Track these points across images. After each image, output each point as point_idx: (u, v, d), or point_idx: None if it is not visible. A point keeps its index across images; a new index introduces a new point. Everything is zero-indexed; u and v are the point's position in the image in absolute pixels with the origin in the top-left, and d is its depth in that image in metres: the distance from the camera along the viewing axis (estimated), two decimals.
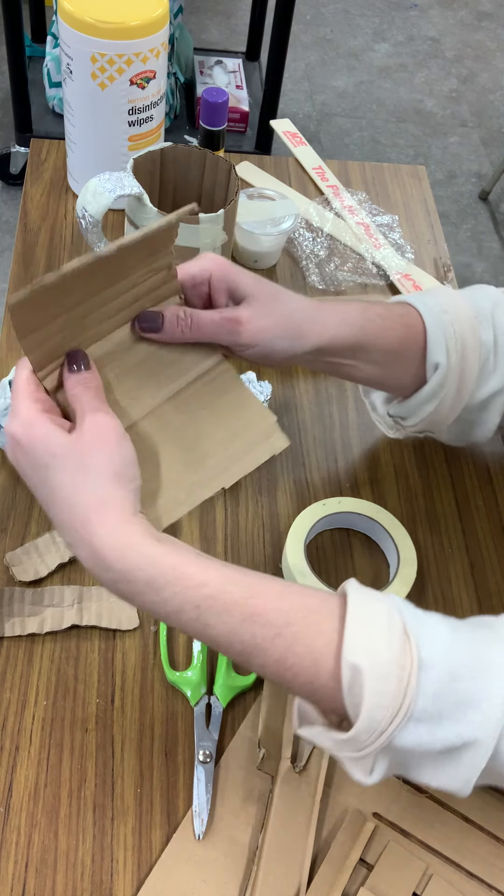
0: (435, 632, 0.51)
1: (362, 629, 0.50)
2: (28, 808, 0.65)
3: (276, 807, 0.66)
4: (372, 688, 0.48)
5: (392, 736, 0.49)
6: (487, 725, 0.49)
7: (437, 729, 0.49)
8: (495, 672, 0.49)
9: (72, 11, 0.95)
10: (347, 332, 0.69)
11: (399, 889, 0.62)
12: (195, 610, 0.51)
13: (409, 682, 0.48)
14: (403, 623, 0.50)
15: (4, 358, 0.93)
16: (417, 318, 0.73)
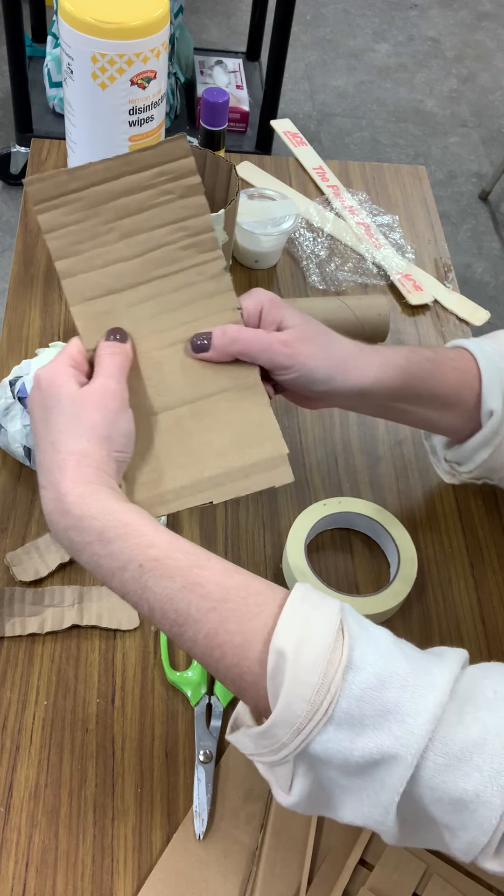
0: (374, 638, 0.49)
1: (297, 618, 0.48)
2: (28, 808, 0.65)
3: (275, 807, 0.66)
4: (294, 676, 0.46)
5: (310, 737, 0.46)
6: (410, 740, 0.45)
7: (357, 738, 0.46)
8: (429, 688, 0.46)
9: (72, 11, 0.95)
10: (392, 374, 0.67)
11: (399, 889, 0.62)
12: (138, 569, 0.50)
13: (335, 679, 0.46)
14: (342, 621, 0.48)
15: (4, 358, 0.93)
16: (472, 363, 0.71)
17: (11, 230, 2.22)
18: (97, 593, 0.76)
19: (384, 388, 0.67)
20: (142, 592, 0.51)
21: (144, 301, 0.62)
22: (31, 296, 0.99)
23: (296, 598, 0.49)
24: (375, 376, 0.66)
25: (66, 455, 0.54)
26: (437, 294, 1.07)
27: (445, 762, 0.45)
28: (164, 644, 0.73)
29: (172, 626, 0.51)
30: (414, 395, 0.69)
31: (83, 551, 0.52)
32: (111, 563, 0.51)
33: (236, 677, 0.50)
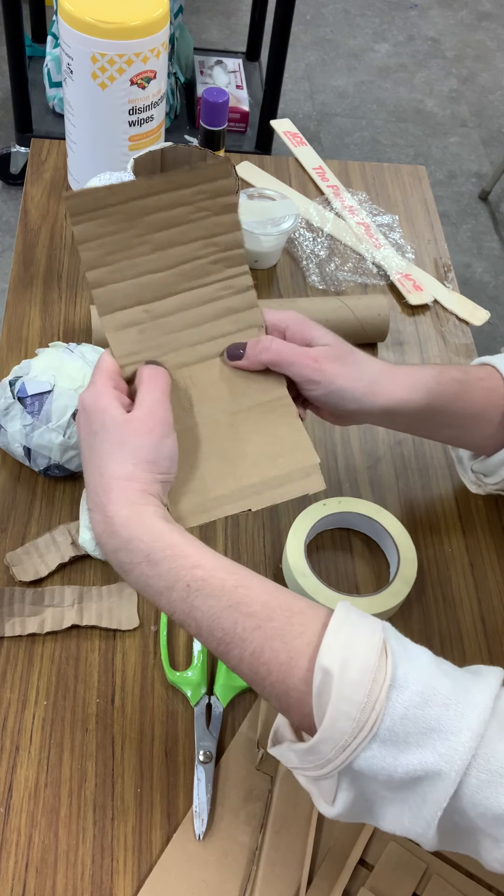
0: (415, 657, 0.49)
1: (341, 637, 0.49)
2: (28, 808, 0.65)
3: (275, 807, 0.66)
4: (340, 694, 0.47)
5: (355, 754, 0.47)
6: (453, 758, 0.46)
7: (400, 754, 0.47)
8: (471, 707, 0.47)
9: (72, 11, 0.95)
10: (419, 396, 0.68)
11: (399, 889, 0.62)
12: (185, 589, 0.52)
13: (379, 697, 0.47)
14: (384, 641, 0.49)
15: (4, 358, 0.93)
16: (500, 382, 0.72)
17: (11, 230, 2.21)
18: (97, 593, 0.76)
19: (412, 409, 0.68)
20: (189, 611, 0.52)
21: (173, 313, 0.64)
22: (30, 296, 0.99)
23: (339, 618, 0.50)
24: (402, 397, 0.67)
25: (111, 479, 0.55)
26: (436, 294, 1.07)
27: (488, 778, 0.46)
28: (164, 644, 0.73)
29: (219, 644, 0.52)
30: (441, 415, 0.70)
31: (132, 572, 0.54)
32: (159, 583, 0.53)
33: (282, 694, 0.51)
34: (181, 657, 0.74)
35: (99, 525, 0.55)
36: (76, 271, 1.03)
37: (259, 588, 0.53)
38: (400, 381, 0.68)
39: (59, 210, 1.10)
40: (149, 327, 0.63)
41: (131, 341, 0.62)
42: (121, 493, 0.55)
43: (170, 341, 0.64)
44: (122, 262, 0.61)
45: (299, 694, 0.50)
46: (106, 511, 0.54)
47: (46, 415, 0.78)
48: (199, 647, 0.73)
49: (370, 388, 0.66)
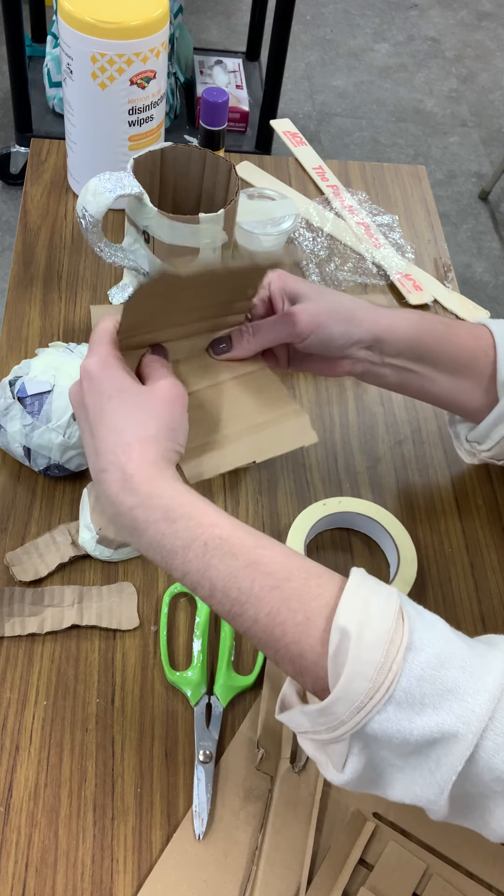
0: (431, 622, 0.50)
1: (358, 599, 0.49)
2: (28, 808, 0.65)
3: (275, 807, 0.66)
4: (357, 655, 0.47)
5: (370, 716, 0.47)
6: (470, 719, 0.46)
7: (416, 716, 0.46)
8: (487, 669, 0.47)
9: (72, 11, 0.95)
10: (404, 325, 0.71)
11: (399, 889, 0.62)
12: (202, 547, 0.52)
13: (396, 658, 0.46)
14: (400, 605, 0.49)
15: (4, 358, 0.93)
16: (487, 333, 0.73)
17: (11, 230, 2.21)
18: (97, 593, 0.76)
19: (399, 339, 0.71)
20: (205, 570, 0.52)
21: None
22: (30, 296, 0.99)
23: (355, 581, 0.50)
24: (388, 324, 0.70)
25: (133, 439, 0.56)
26: (436, 294, 1.07)
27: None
28: (163, 644, 0.73)
29: (234, 604, 0.51)
30: (429, 355, 0.72)
31: (147, 530, 0.53)
32: (175, 542, 0.53)
33: (296, 656, 0.50)
34: (181, 657, 0.74)
35: (115, 484, 0.55)
36: (76, 271, 1.03)
37: (277, 549, 0.53)
38: (383, 311, 0.72)
39: (59, 210, 1.10)
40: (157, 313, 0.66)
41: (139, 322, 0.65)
42: (143, 453, 0.55)
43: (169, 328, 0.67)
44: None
45: (315, 656, 0.49)
46: (125, 469, 0.55)
47: (46, 415, 0.78)
48: (200, 647, 0.73)
49: (352, 315, 0.70)
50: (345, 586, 0.50)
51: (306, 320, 0.68)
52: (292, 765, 0.67)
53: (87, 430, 0.59)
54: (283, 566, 0.52)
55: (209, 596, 0.53)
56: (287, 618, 0.50)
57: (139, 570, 0.78)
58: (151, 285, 0.59)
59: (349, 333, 0.69)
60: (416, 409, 0.95)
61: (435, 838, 0.65)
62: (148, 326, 0.66)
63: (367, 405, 0.94)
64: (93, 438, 0.58)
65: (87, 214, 0.81)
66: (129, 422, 0.57)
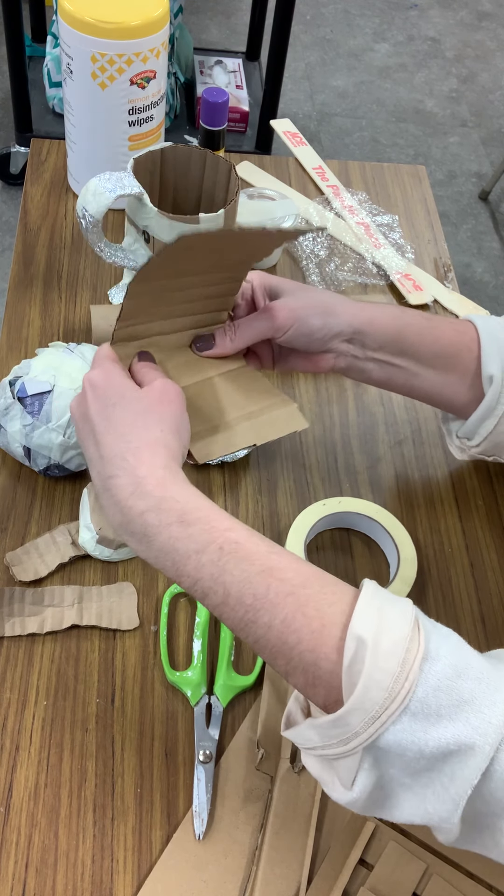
0: (446, 633, 0.49)
1: (374, 607, 0.48)
2: (28, 808, 0.65)
3: (275, 807, 0.66)
4: (373, 664, 0.46)
5: (385, 727, 0.46)
6: (487, 731, 0.45)
7: (431, 728, 0.45)
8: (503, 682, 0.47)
9: (72, 11, 0.95)
10: (384, 318, 0.71)
11: (399, 889, 0.62)
12: (217, 551, 0.51)
13: (413, 667, 0.46)
14: (416, 616, 0.49)
15: (4, 358, 0.93)
16: (470, 327, 0.73)
17: (11, 230, 2.21)
18: (97, 593, 0.76)
19: (379, 332, 0.71)
20: (219, 575, 0.51)
21: None
22: (30, 296, 0.99)
23: (369, 591, 0.50)
24: (368, 317, 0.71)
25: (140, 443, 0.56)
26: (436, 294, 1.07)
27: None
28: (163, 644, 0.73)
29: (248, 611, 0.50)
30: (411, 349, 0.72)
31: (159, 534, 0.52)
32: (189, 546, 0.52)
33: (310, 664, 0.49)
34: (181, 657, 0.74)
35: (125, 489, 0.54)
36: (76, 271, 1.03)
37: (291, 557, 0.52)
38: (363, 305, 0.73)
39: (59, 210, 1.10)
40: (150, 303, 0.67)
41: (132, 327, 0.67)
42: (153, 456, 0.55)
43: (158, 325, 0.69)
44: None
45: (330, 664, 0.48)
46: (137, 472, 0.54)
47: (46, 415, 0.78)
48: (200, 647, 0.73)
49: (331, 308, 0.71)
50: (359, 595, 0.50)
51: (285, 315, 0.69)
52: (292, 765, 0.67)
53: (91, 439, 0.59)
54: (298, 573, 0.51)
55: (222, 603, 0.51)
56: (303, 625, 0.49)
57: (139, 570, 0.78)
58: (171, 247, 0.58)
59: (329, 325, 0.70)
60: (416, 409, 0.95)
61: (435, 838, 0.65)
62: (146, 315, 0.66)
63: (367, 405, 0.94)
64: (98, 446, 0.58)
65: (87, 214, 0.81)
66: (134, 426, 0.57)
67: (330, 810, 0.66)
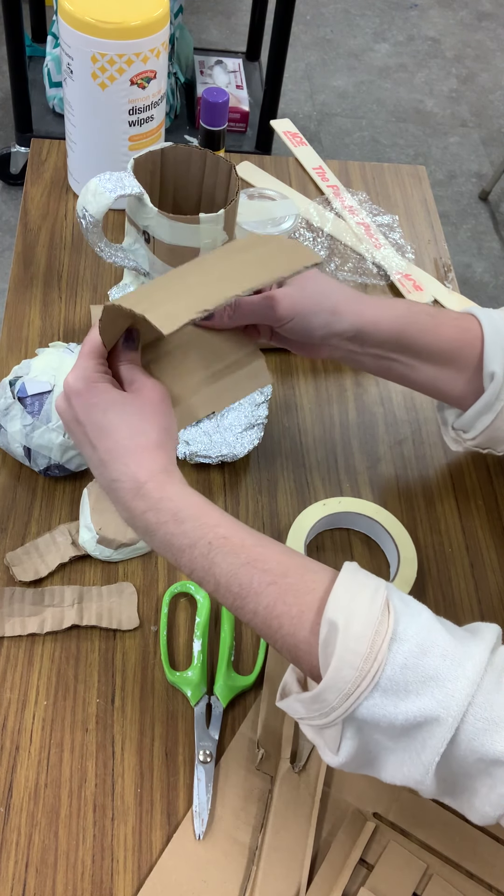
0: (416, 613, 0.52)
1: (347, 593, 0.52)
2: (28, 808, 0.65)
3: (275, 807, 0.66)
4: (344, 645, 0.50)
5: (358, 702, 0.50)
6: (450, 704, 0.49)
7: (400, 702, 0.49)
8: (467, 656, 0.50)
9: (72, 11, 0.95)
10: (388, 318, 0.71)
11: (399, 889, 0.62)
12: (207, 546, 0.55)
13: (381, 648, 0.49)
14: (387, 598, 0.52)
15: (4, 358, 0.93)
16: (475, 324, 0.73)
17: (11, 230, 2.21)
18: (97, 593, 0.76)
19: (381, 332, 0.71)
20: (209, 568, 0.55)
21: None
22: (30, 296, 0.99)
23: (346, 577, 0.53)
24: (372, 318, 0.71)
25: (138, 448, 0.58)
26: (436, 294, 1.07)
27: (484, 726, 0.49)
28: (163, 644, 0.73)
29: (235, 598, 0.55)
30: (412, 347, 0.72)
31: (157, 531, 0.57)
32: (182, 541, 0.56)
33: (292, 647, 0.54)
34: (181, 657, 0.74)
35: (128, 493, 0.57)
36: (76, 271, 1.03)
37: (276, 549, 0.56)
38: (368, 304, 0.72)
39: (59, 210, 1.10)
40: None
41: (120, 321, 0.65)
42: (152, 460, 0.58)
43: None
44: None
45: (307, 646, 0.53)
46: (138, 478, 0.57)
47: (46, 415, 0.78)
48: (200, 647, 0.73)
49: (335, 307, 0.70)
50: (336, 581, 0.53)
51: (287, 306, 0.68)
52: (292, 765, 0.67)
53: (87, 443, 0.60)
54: (280, 563, 0.55)
55: (214, 591, 0.56)
56: (283, 611, 0.53)
57: (139, 570, 0.78)
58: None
59: (330, 325, 0.70)
60: (416, 409, 0.95)
61: (435, 838, 0.65)
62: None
63: (367, 405, 0.94)
64: (95, 450, 0.59)
65: (87, 214, 0.81)
66: (131, 431, 0.58)
67: (330, 810, 0.66)
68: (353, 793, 0.67)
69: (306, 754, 0.68)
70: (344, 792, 0.67)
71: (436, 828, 0.66)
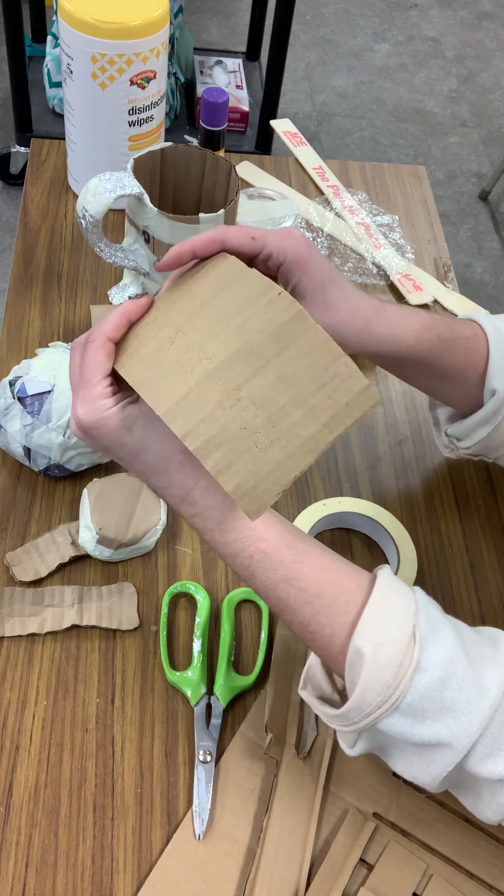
0: (442, 637, 0.54)
1: (376, 619, 0.54)
2: (28, 808, 0.65)
3: (276, 807, 0.66)
4: (369, 674, 0.53)
5: (378, 720, 0.53)
6: (462, 735, 0.52)
7: (417, 725, 0.53)
8: (483, 691, 0.53)
9: (72, 11, 0.95)
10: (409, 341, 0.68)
11: (399, 889, 0.62)
12: (248, 559, 0.57)
13: (404, 679, 0.52)
14: (415, 626, 0.54)
15: (4, 358, 0.93)
16: (482, 341, 0.72)
17: (11, 230, 2.21)
18: (97, 593, 0.76)
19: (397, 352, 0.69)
20: (249, 578, 0.58)
21: None
22: (30, 296, 0.99)
23: (376, 598, 0.55)
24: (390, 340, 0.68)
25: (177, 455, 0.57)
26: (436, 294, 1.07)
27: (491, 752, 0.53)
28: (163, 644, 0.73)
29: (273, 608, 0.58)
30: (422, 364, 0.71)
31: (204, 534, 0.59)
32: (225, 550, 0.58)
33: (324, 657, 0.58)
34: (181, 657, 0.74)
35: (176, 497, 0.58)
36: (76, 271, 1.03)
37: (315, 564, 0.57)
38: (395, 325, 0.67)
39: (59, 210, 1.10)
40: None
41: None
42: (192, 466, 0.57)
43: None
44: None
45: (337, 662, 0.56)
46: (185, 485, 0.57)
47: (46, 415, 0.78)
48: (199, 647, 0.73)
49: (366, 327, 0.66)
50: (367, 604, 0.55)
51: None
52: (297, 751, 0.68)
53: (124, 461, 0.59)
54: (317, 583, 0.56)
55: (255, 592, 0.59)
56: (316, 629, 0.56)
57: (139, 570, 0.78)
58: None
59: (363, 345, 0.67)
60: (416, 409, 0.95)
61: (435, 838, 0.65)
62: None
63: None
64: (134, 467, 0.59)
65: (87, 214, 0.81)
66: (162, 444, 0.57)
67: (330, 810, 0.66)
68: (353, 793, 0.67)
69: (310, 742, 0.68)
70: (344, 792, 0.67)
71: (436, 828, 0.66)
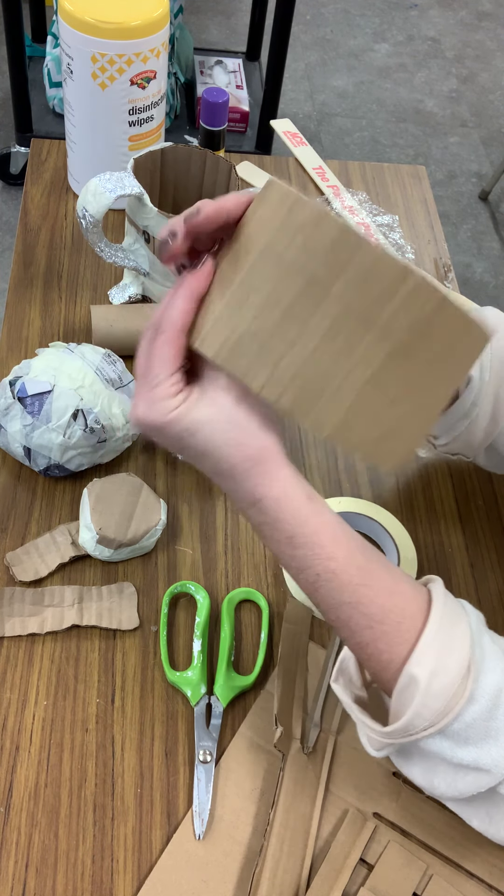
0: (492, 668, 0.54)
1: (432, 649, 0.54)
2: (28, 808, 0.65)
3: (286, 785, 0.66)
4: (422, 702, 0.52)
5: (419, 740, 0.54)
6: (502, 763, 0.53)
7: (458, 749, 0.53)
8: None
9: (72, 11, 0.95)
10: None
11: (399, 889, 0.62)
12: (315, 576, 0.56)
13: (455, 708, 0.52)
14: (471, 657, 0.54)
15: (4, 358, 0.93)
16: None
17: (11, 230, 2.22)
18: (97, 593, 0.76)
19: None
20: (313, 592, 0.57)
21: None
22: (30, 296, 0.99)
23: (433, 626, 0.54)
24: None
25: (245, 462, 0.54)
26: None
27: None
28: (163, 644, 0.73)
29: (333, 622, 0.57)
30: None
31: (270, 543, 0.57)
32: (291, 563, 0.57)
33: (374, 672, 0.57)
34: (181, 657, 0.74)
35: (244, 500, 0.56)
36: (76, 271, 1.03)
37: (380, 588, 0.56)
38: None
39: (59, 210, 1.10)
40: None
41: None
42: (262, 473, 0.54)
43: None
44: None
45: (387, 684, 0.56)
46: (253, 493, 0.55)
47: (46, 415, 0.78)
48: (199, 647, 0.73)
49: None
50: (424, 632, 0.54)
51: None
52: (302, 745, 0.68)
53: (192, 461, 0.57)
54: (381, 608, 0.55)
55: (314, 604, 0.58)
56: (373, 653, 0.56)
57: (139, 570, 0.78)
58: None
59: None
60: None
61: (435, 838, 0.65)
62: None
63: None
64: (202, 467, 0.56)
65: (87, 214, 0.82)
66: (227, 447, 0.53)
67: (330, 810, 0.66)
68: (353, 793, 0.67)
69: (314, 738, 0.68)
70: (344, 792, 0.67)
71: (436, 828, 0.66)
